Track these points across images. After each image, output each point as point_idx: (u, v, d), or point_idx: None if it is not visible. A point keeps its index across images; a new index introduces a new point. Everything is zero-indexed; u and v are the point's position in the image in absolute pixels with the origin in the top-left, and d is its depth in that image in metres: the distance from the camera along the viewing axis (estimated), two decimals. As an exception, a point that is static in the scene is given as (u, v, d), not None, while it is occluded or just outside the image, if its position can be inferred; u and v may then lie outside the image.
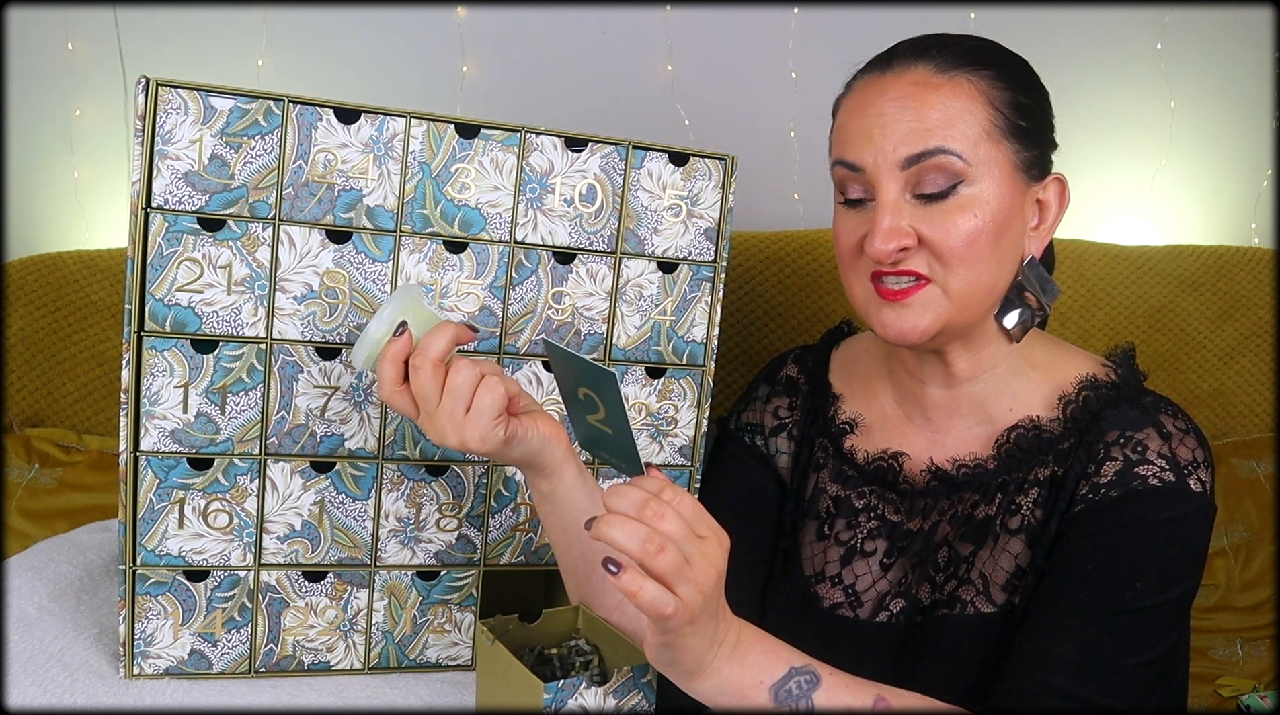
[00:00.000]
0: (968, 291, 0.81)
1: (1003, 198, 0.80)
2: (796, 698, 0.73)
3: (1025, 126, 0.82)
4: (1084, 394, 0.85)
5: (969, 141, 0.79)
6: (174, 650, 0.91)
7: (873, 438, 0.94)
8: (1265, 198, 1.72)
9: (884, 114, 0.80)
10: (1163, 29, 1.65)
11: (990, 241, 0.80)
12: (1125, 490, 0.80)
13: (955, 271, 0.80)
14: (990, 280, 0.82)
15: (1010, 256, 0.83)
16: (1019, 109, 0.81)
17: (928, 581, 0.87)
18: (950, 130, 0.79)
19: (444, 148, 0.89)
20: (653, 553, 0.65)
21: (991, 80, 0.81)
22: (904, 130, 0.79)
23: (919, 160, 0.79)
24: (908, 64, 0.82)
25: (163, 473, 0.87)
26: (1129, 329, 1.52)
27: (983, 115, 0.80)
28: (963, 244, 0.79)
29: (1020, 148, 0.81)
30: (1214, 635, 1.39)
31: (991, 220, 0.80)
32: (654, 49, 1.61)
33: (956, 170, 0.79)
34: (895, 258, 0.80)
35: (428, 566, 0.96)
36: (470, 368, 0.77)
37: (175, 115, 0.82)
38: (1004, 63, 0.83)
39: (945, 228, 0.79)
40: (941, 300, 0.81)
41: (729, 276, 1.45)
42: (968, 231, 0.79)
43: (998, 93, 0.81)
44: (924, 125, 0.79)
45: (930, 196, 0.80)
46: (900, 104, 0.80)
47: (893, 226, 0.79)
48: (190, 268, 0.85)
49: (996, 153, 0.80)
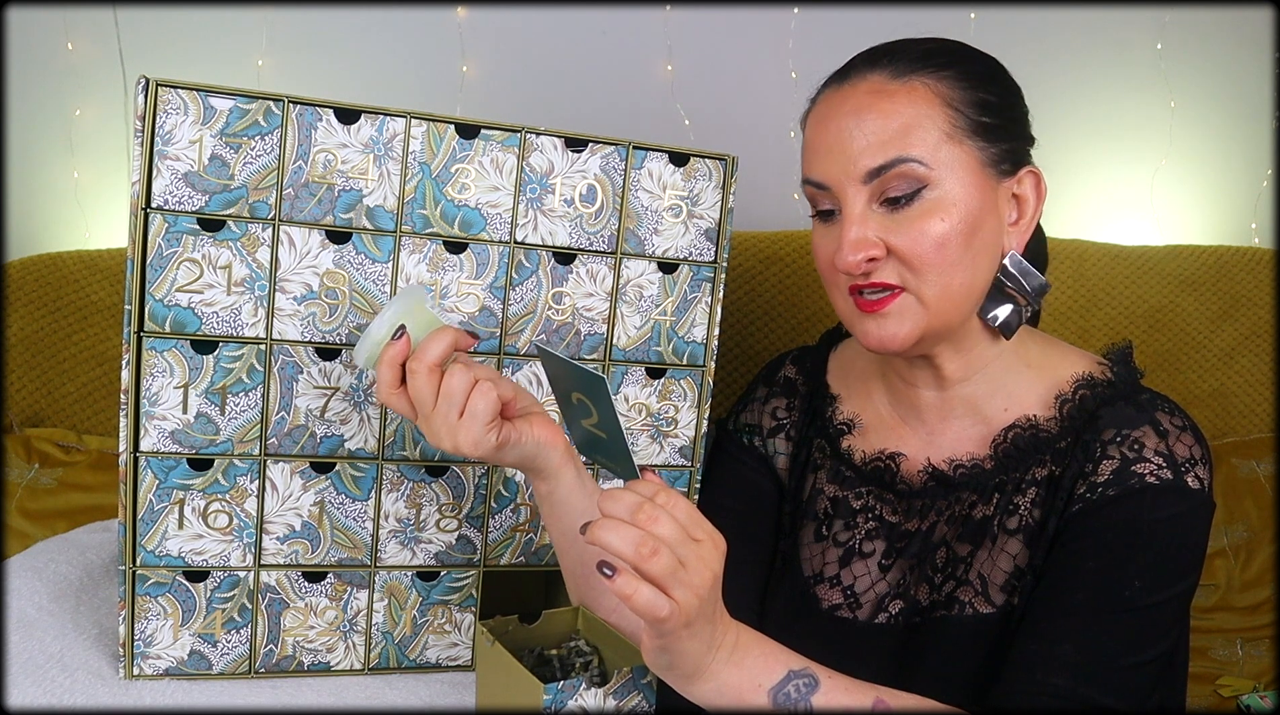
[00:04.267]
0: (942, 296, 0.81)
1: (971, 198, 0.80)
2: (795, 700, 0.73)
3: (990, 123, 0.81)
4: (1080, 393, 0.85)
5: (929, 146, 0.79)
6: (174, 651, 0.91)
7: (870, 438, 0.94)
8: (1265, 198, 1.72)
9: (843, 128, 0.81)
10: (1163, 29, 1.65)
11: (961, 243, 0.80)
12: (1123, 489, 0.79)
13: (927, 278, 0.80)
14: (965, 282, 0.81)
15: (986, 255, 0.82)
16: (981, 106, 0.81)
17: (926, 582, 0.87)
18: (909, 138, 0.79)
19: (444, 148, 0.89)
20: (646, 556, 0.65)
21: (950, 81, 0.81)
22: (863, 143, 0.79)
23: (881, 173, 0.79)
24: (863, 74, 0.82)
25: (162, 473, 0.87)
26: (1129, 329, 1.52)
27: (941, 118, 0.80)
28: (932, 249, 0.79)
29: (986, 144, 0.81)
30: (1214, 635, 1.39)
31: (961, 222, 0.80)
32: (654, 49, 1.61)
33: (919, 176, 0.79)
34: (865, 268, 0.80)
35: (428, 567, 0.96)
36: (464, 373, 0.78)
37: (175, 115, 0.82)
38: (964, 61, 0.83)
39: (913, 235, 0.79)
40: (917, 308, 0.81)
41: (729, 277, 1.45)
42: (936, 236, 0.79)
43: (957, 92, 0.80)
44: (882, 137, 0.79)
45: (895, 202, 0.80)
46: (858, 115, 0.80)
47: (859, 237, 0.80)
48: (190, 268, 0.85)
49: (960, 153, 0.80)
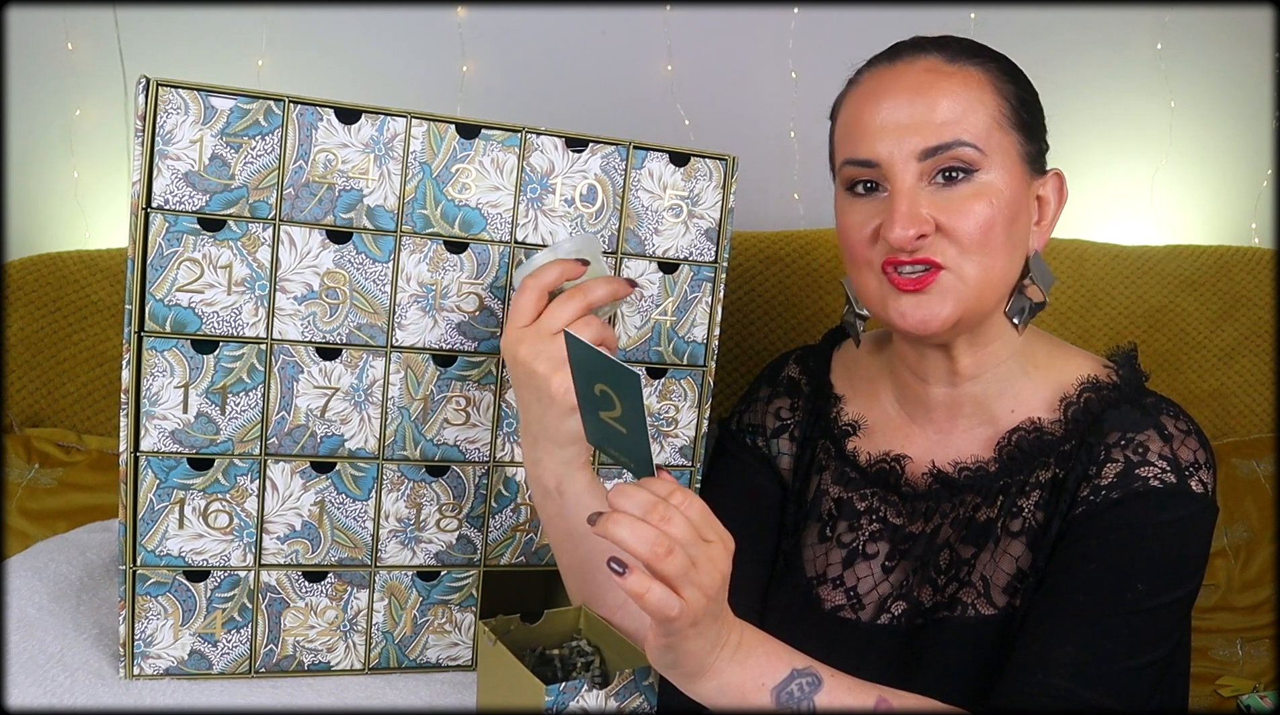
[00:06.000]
0: (984, 278, 0.81)
1: (1013, 187, 0.82)
2: (798, 699, 0.73)
3: (1028, 120, 0.84)
4: (1085, 395, 0.85)
5: (982, 130, 0.80)
6: (174, 650, 0.91)
7: (874, 440, 0.94)
8: (1265, 198, 1.72)
9: (898, 104, 0.81)
10: (1163, 29, 1.65)
11: (1004, 230, 0.81)
12: (1126, 492, 0.80)
13: (972, 258, 0.80)
14: (1004, 269, 0.82)
15: (1019, 248, 0.84)
16: (1022, 102, 0.83)
17: (929, 584, 0.87)
18: (965, 122, 0.80)
19: (444, 148, 0.89)
20: (661, 556, 0.65)
21: (996, 72, 0.83)
22: (923, 119, 0.80)
23: (936, 153, 0.80)
24: (916, 55, 0.84)
25: (163, 473, 0.87)
26: (1129, 329, 1.52)
27: (992, 104, 0.81)
28: (980, 230, 0.80)
29: (1024, 139, 0.83)
30: (1214, 635, 1.38)
31: (1005, 208, 0.81)
32: (654, 49, 1.61)
33: (972, 159, 0.80)
34: (914, 245, 0.80)
35: (428, 567, 0.96)
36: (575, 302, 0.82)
37: (175, 115, 0.82)
38: (1002, 59, 0.85)
39: (962, 214, 0.80)
40: (960, 287, 0.81)
41: (729, 277, 1.45)
42: (984, 218, 0.80)
43: (1004, 84, 0.83)
44: (938, 118, 0.80)
45: (950, 179, 0.80)
46: (914, 91, 0.81)
47: (912, 212, 0.79)
48: (190, 268, 0.84)
49: (1006, 142, 0.82)
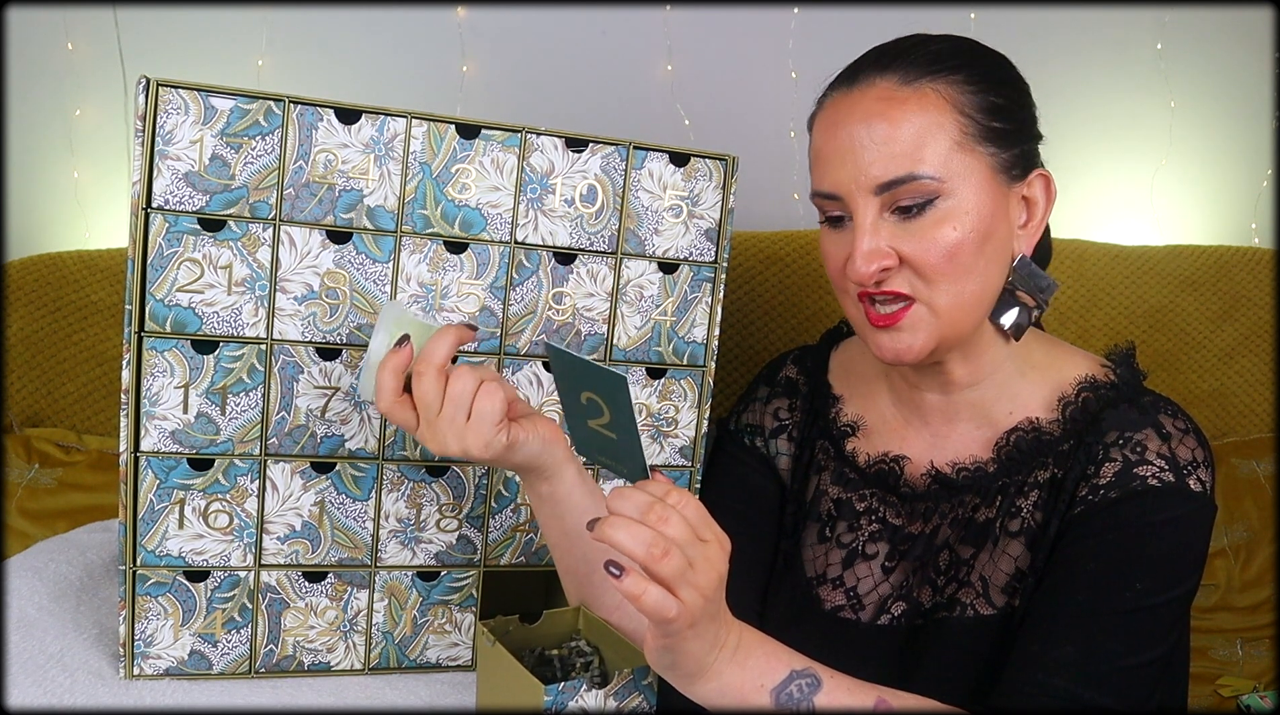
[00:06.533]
0: (955, 305, 0.80)
1: (983, 205, 0.79)
2: (797, 700, 0.73)
3: (1001, 128, 0.80)
4: (1083, 395, 0.85)
5: (940, 157, 0.78)
6: (174, 651, 0.91)
7: (873, 440, 0.94)
8: (1265, 198, 1.72)
9: (853, 136, 0.79)
10: (1163, 29, 1.65)
11: (973, 251, 0.79)
12: (1124, 491, 0.79)
13: (939, 287, 0.80)
14: (978, 290, 0.81)
15: (998, 261, 0.82)
16: (992, 111, 0.80)
17: (929, 584, 0.87)
18: (921, 152, 0.78)
19: (444, 148, 0.89)
20: (657, 557, 0.64)
21: (960, 85, 0.79)
22: (874, 154, 0.78)
23: (892, 187, 0.78)
24: (871, 78, 0.81)
25: (163, 473, 0.87)
26: (1129, 329, 1.52)
27: (952, 126, 0.79)
28: (944, 258, 0.79)
29: (997, 150, 0.80)
30: (1214, 635, 1.39)
31: (973, 230, 0.79)
32: (654, 49, 1.61)
33: (930, 189, 0.78)
34: (878, 278, 0.80)
35: (428, 567, 0.96)
36: (470, 374, 0.77)
37: (176, 115, 0.82)
38: (975, 63, 0.82)
39: (925, 244, 0.79)
40: (930, 319, 0.81)
41: (729, 277, 1.45)
42: (948, 245, 0.79)
43: (968, 97, 0.79)
44: (893, 149, 0.78)
45: (907, 211, 0.79)
46: (867, 124, 0.79)
47: (872, 248, 0.79)
48: (191, 268, 0.85)
49: (971, 160, 0.79)
